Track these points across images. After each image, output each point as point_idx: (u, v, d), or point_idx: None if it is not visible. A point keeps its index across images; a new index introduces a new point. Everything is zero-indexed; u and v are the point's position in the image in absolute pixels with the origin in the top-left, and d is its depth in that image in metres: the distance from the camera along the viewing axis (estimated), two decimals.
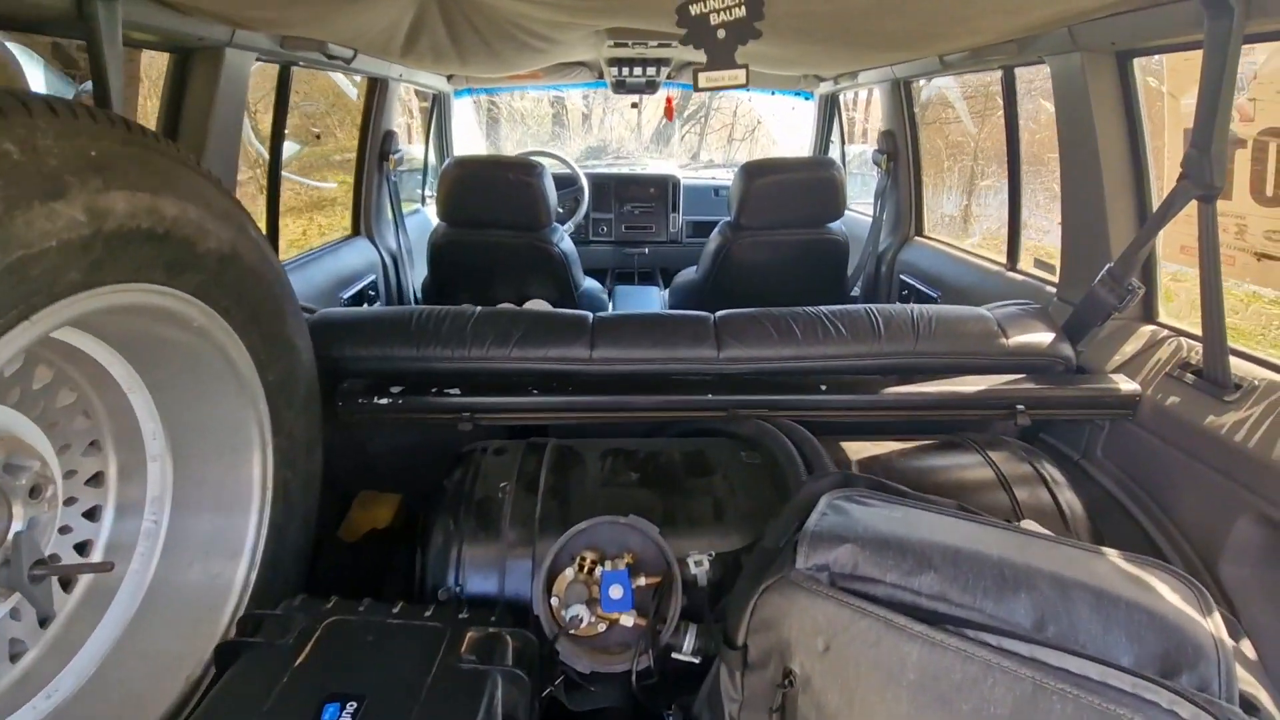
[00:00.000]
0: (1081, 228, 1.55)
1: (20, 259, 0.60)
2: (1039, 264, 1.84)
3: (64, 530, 0.96)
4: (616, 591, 0.95)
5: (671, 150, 8.10)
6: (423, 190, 3.44)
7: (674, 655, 0.98)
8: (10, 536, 0.81)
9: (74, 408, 0.97)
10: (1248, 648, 0.64)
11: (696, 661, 0.97)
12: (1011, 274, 1.91)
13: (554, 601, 1.00)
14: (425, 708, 0.78)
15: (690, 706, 0.90)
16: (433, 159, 3.51)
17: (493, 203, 2.21)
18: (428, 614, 0.94)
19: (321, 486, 1.43)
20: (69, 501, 0.97)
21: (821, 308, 1.40)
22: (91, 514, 0.99)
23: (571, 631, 0.98)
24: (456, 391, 1.27)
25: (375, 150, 2.47)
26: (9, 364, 0.87)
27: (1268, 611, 1.05)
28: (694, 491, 1.12)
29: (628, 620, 0.99)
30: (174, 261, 0.83)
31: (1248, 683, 0.59)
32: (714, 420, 1.28)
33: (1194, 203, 1.17)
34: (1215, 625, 0.62)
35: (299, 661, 0.84)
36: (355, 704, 0.78)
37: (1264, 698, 0.58)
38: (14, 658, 0.88)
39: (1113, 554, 0.72)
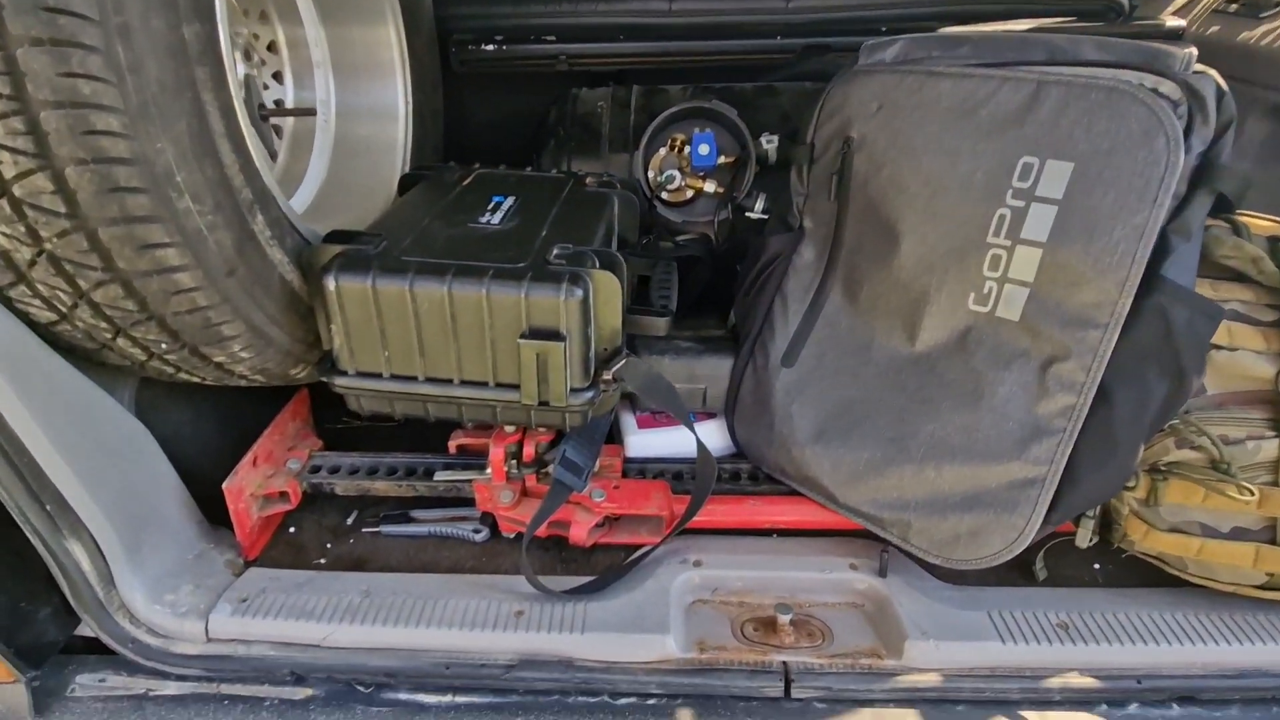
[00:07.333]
0: None
1: None
2: None
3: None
4: (704, 149, 1.18)
5: None
6: None
7: (747, 214, 1.23)
8: (242, 77, 1.06)
9: None
10: None
11: (765, 218, 1.22)
12: None
13: (650, 174, 1.24)
14: (566, 205, 1.05)
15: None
16: None
17: None
18: (551, 174, 1.19)
19: None
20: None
21: None
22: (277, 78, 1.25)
23: (665, 195, 1.23)
24: (553, 38, 1.44)
25: None
26: None
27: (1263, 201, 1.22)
28: (764, 107, 1.31)
29: (710, 187, 1.23)
30: None
31: (1200, 69, 0.78)
32: (783, 60, 1.44)
33: None
34: (1188, 55, 0.80)
35: (466, 183, 1.11)
36: (515, 198, 1.05)
37: (1215, 73, 0.77)
38: None
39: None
